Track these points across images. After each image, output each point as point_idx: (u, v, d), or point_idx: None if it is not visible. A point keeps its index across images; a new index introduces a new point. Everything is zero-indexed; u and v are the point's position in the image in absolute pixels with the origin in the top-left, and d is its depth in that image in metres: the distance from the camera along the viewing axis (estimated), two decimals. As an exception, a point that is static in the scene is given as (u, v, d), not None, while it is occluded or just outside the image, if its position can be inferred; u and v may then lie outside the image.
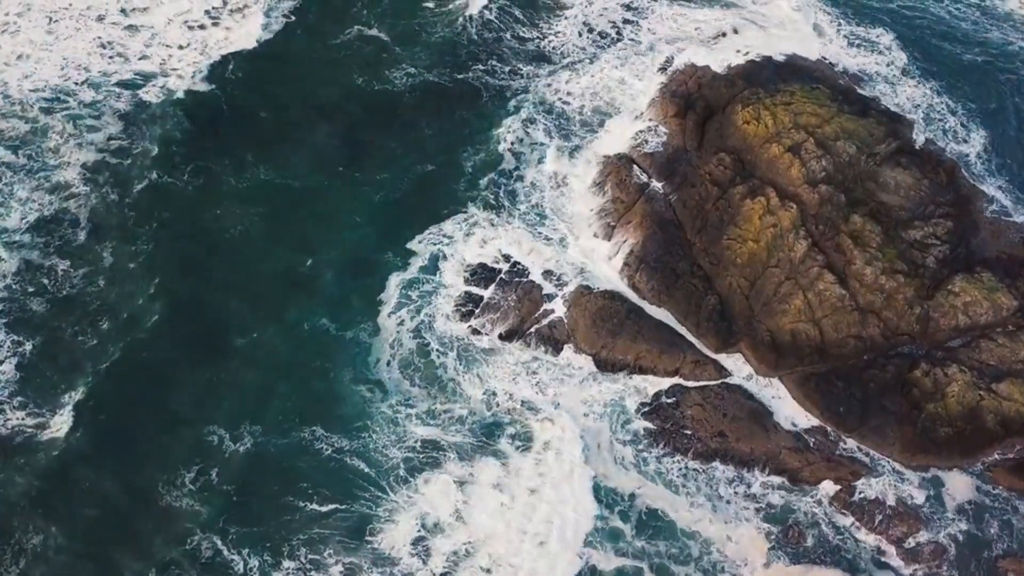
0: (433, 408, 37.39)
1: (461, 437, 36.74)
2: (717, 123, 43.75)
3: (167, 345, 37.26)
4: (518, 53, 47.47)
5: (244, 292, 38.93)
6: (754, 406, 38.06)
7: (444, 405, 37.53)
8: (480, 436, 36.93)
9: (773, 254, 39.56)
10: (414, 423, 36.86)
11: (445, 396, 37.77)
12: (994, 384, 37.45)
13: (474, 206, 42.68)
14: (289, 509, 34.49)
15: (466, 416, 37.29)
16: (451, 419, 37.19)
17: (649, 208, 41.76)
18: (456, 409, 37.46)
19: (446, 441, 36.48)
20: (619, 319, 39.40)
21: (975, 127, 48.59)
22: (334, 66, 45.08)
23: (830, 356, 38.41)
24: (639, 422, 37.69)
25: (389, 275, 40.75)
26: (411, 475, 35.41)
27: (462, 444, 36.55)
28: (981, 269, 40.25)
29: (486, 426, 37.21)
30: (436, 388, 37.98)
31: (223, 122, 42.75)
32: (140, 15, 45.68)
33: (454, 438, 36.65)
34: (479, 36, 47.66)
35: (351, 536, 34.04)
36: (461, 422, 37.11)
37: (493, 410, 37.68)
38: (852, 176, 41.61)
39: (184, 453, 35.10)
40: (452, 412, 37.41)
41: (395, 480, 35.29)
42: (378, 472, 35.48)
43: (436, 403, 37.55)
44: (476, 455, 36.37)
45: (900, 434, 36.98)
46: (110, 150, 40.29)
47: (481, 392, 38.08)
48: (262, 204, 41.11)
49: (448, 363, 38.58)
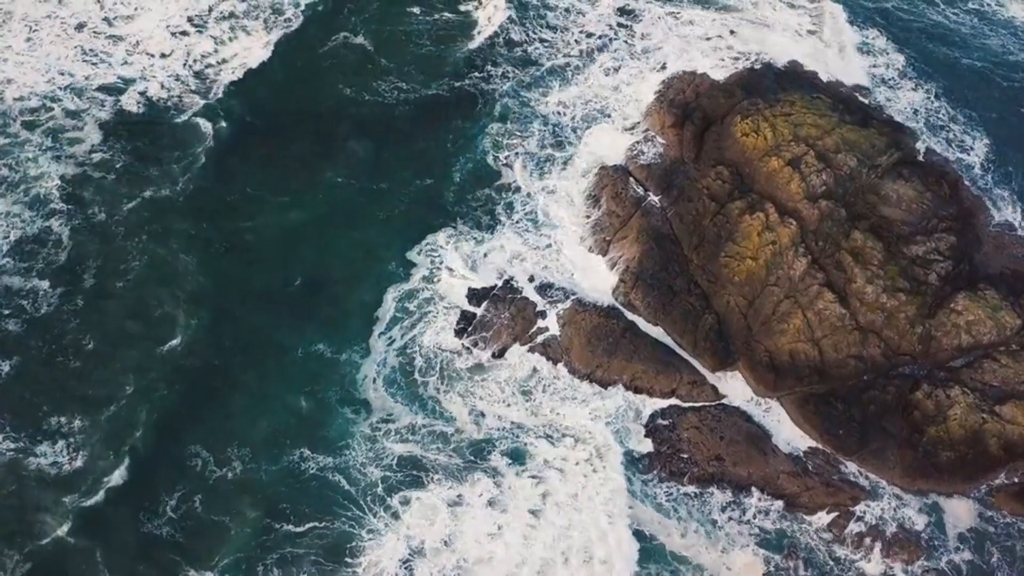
0: (421, 426, 36.55)
1: (448, 458, 35.93)
2: (715, 134, 42.69)
3: (153, 368, 36.28)
4: (511, 61, 46.25)
5: (234, 315, 37.87)
6: (752, 428, 37.22)
7: (434, 426, 36.67)
8: (469, 457, 36.09)
9: (772, 272, 38.61)
10: (403, 444, 36.03)
11: (433, 416, 36.91)
12: (997, 406, 36.63)
13: (466, 221, 41.73)
14: (270, 531, 33.73)
15: (455, 436, 36.47)
16: (441, 439, 36.35)
17: (645, 223, 40.75)
18: (443, 428, 36.64)
19: (434, 461, 35.69)
20: (614, 338, 38.49)
21: (977, 136, 47.69)
22: (323, 76, 43.81)
23: (830, 377, 37.55)
24: (635, 445, 36.82)
25: (382, 292, 39.73)
26: (390, 495, 34.61)
27: (450, 465, 35.75)
28: (984, 286, 39.34)
29: (476, 447, 36.35)
30: (423, 408, 37.10)
31: (210, 137, 41.40)
32: (124, 23, 44.36)
33: (441, 458, 35.86)
34: (475, 45, 46.35)
35: (334, 556, 33.31)
36: (450, 441, 36.28)
37: (484, 431, 36.80)
38: (853, 189, 40.61)
39: (167, 476, 34.24)
40: (441, 431, 36.56)
41: (374, 501, 34.54)
42: (360, 492, 34.73)
43: (424, 422, 36.71)
44: (465, 476, 35.53)
45: (901, 458, 36.17)
46: (91, 163, 39.10)
47: (470, 412, 37.20)
48: (253, 220, 39.98)
49: (437, 383, 37.67)
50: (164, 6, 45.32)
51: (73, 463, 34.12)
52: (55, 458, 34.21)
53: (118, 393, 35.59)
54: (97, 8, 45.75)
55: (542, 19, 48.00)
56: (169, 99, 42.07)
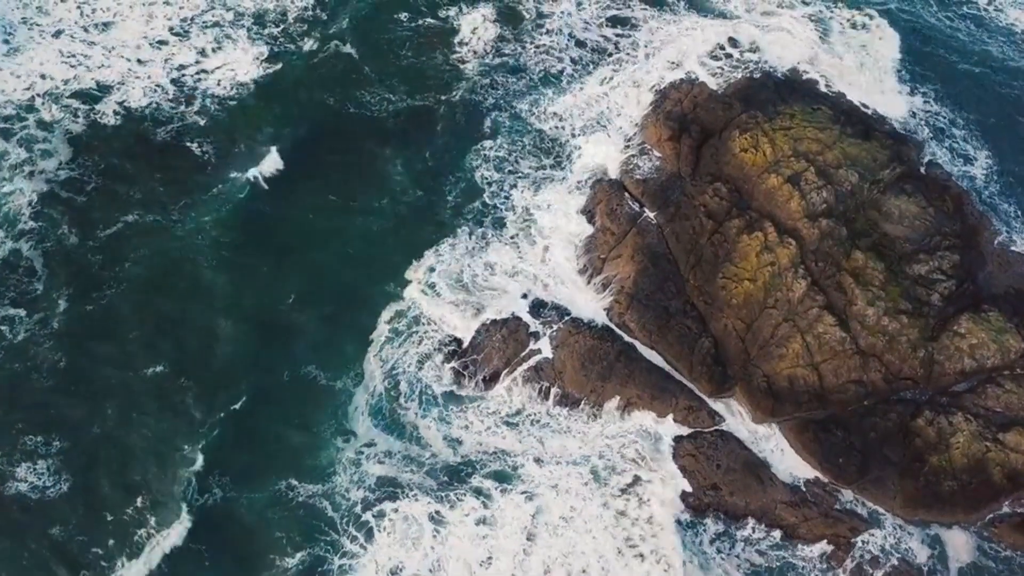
0: (406, 454, 35.74)
1: (438, 484, 35.05)
2: (713, 148, 41.48)
3: (135, 396, 35.29)
4: (502, 71, 44.85)
5: (223, 340, 36.72)
6: (749, 456, 36.29)
7: (421, 454, 35.82)
8: (458, 483, 35.24)
9: (771, 294, 37.55)
10: (382, 466, 35.20)
11: (419, 445, 36.06)
12: (1000, 434, 35.71)
13: (457, 237, 40.56)
14: (258, 560, 33.13)
15: (442, 462, 35.63)
16: (429, 467, 35.53)
17: (641, 241, 39.61)
18: (433, 455, 35.80)
19: (421, 485, 34.82)
20: (609, 361, 37.45)
21: (980, 147, 46.59)
22: (309, 88, 42.37)
23: (829, 402, 36.58)
24: (630, 473, 35.88)
25: (374, 313, 38.62)
26: (372, 521, 33.94)
27: (438, 492, 34.88)
28: (988, 307, 38.32)
29: (461, 471, 35.51)
30: (408, 436, 36.19)
31: (192, 154, 40.00)
32: (102, 31, 42.91)
33: (429, 482, 35.01)
34: (465, 57, 44.91)
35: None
36: (437, 469, 35.44)
37: (473, 457, 35.89)
38: (854, 206, 39.49)
39: (146, 511, 33.35)
40: (430, 459, 35.75)
41: (356, 527, 33.85)
42: (341, 519, 34.02)
43: (412, 451, 35.90)
44: (454, 503, 34.71)
45: (902, 487, 35.27)
46: (59, 180, 37.60)
47: (457, 439, 36.29)
48: (238, 241, 38.66)
49: (426, 409, 36.68)
50: (146, 13, 43.77)
51: (54, 486, 33.24)
52: (35, 481, 33.38)
53: (97, 418, 34.66)
54: (77, 14, 44.32)
55: (532, 27, 46.43)
56: (149, 111, 40.58)
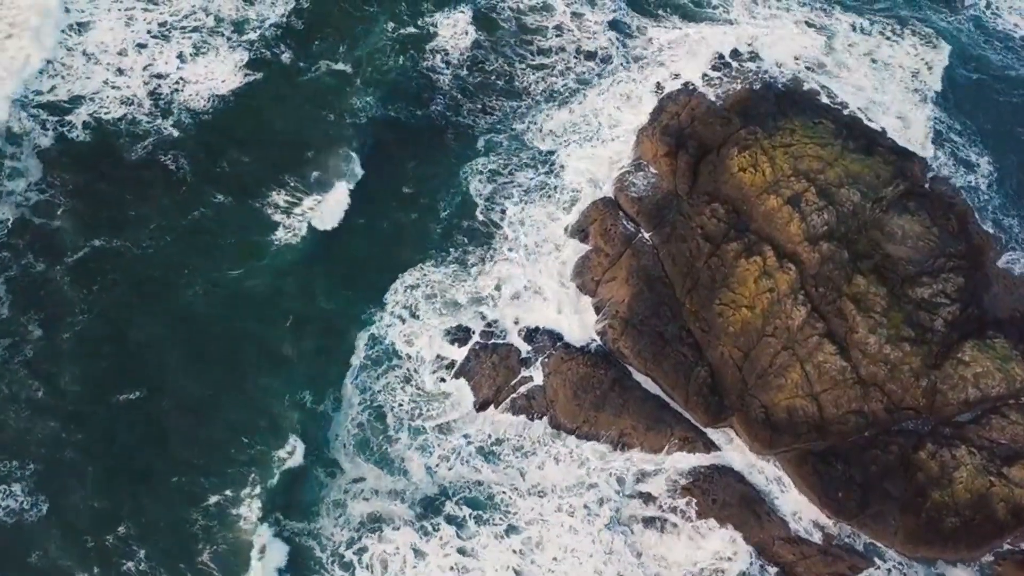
0: (388, 486, 34.56)
1: (415, 515, 33.99)
2: (711, 165, 40.04)
3: (112, 422, 33.90)
4: (494, 86, 43.13)
5: (201, 369, 35.23)
6: (746, 490, 35.22)
7: (398, 484, 34.65)
8: (434, 514, 34.18)
9: (769, 321, 36.30)
10: (367, 503, 34.05)
11: (400, 475, 34.87)
12: (1005, 468, 34.67)
13: (447, 258, 39.09)
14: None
15: (421, 494, 34.53)
16: (409, 498, 34.38)
17: (636, 263, 38.26)
18: (412, 488, 34.65)
19: (401, 518, 33.73)
20: (602, 390, 36.23)
21: (983, 156, 45.43)
22: (291, 103, 40.59)
23: (829, 433, 35.45)
24: (623, 509, 34.82)
25: (356, 336, 37.24)
26: (354, 558, 32.91)
27: (419, 524, 33.84)
28: (994, 333, 37.13)
29: (443, 503, 34.43)
30: (391, 467, 35.00)
31: (170, 173, 38.22)
32: (77, 36, 41.02)
33: (407, 514, 33.90)
34: (454, 69, 43.07)
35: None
36: (415, 500, 34.34)
37: (454, 488, 34.78)
38: (856, 226, 38.15)
39: (128, 535, 32.13)
40: (409, 490, 34.61)
41: (340, 566, 32.84)
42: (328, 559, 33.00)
43: (393, 484, 34.71)
44: (435, 534, 33.71)
45: (903, 523, 34.27)
46: (28, 205, 35.95)
47: (444, 468, 35.16)
48: (221, 264, 37.08)
49: (410, 439, 35.46)
50: (124, 18, 41.82)
51: (31, 509, 32.08)
52: (9, 504, 32.20)
53: (71, 447, 33.35)
54: (49, 20, 42.31)
55: (526, 38, 44.67)
56: (123, 126, 38.78)
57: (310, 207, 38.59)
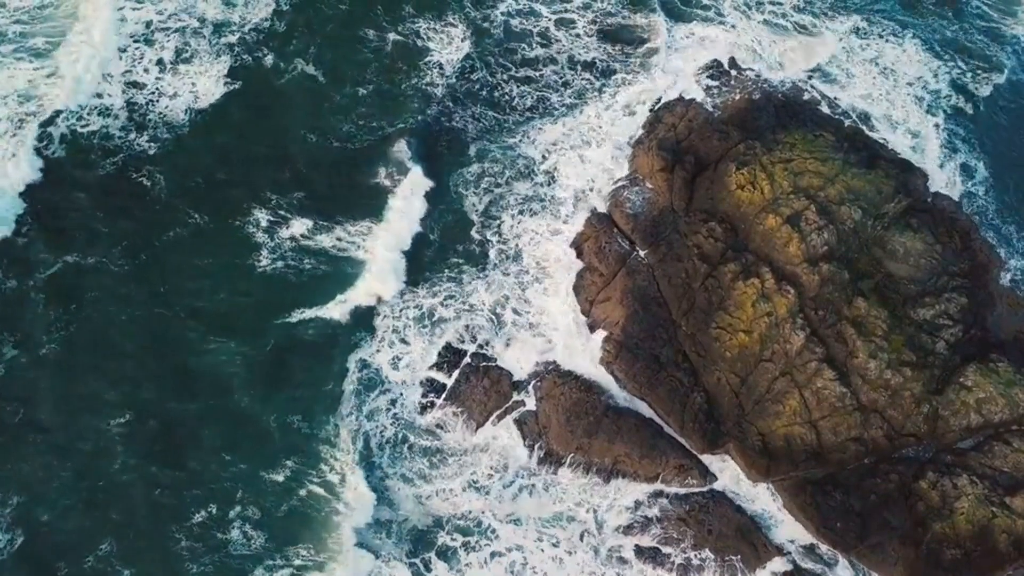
0: (379, 516, 33.79)
1: (407, 550, 33.31)
2: (708, 180, 38.88)
3: (98, 447, 32.91)
4: (482, 97, 41.68)
5: (182, 391, 34.23)
6: (742, 520, 34.47)
7: (385, 515, 33.88)
8: (425, 549, 33.52)
9: (767, 346, 35.32)
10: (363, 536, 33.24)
11: (390, 507, 34.07)
12: (1007, 497, 33.87)
13: (439, 277, 37.86)
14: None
15: (414, 527, 33.81)
16: (397, 532, 33.68)
17: (631, 283, 37.20)
18: (402, 519, 33.88)
19: (392, 554, 32.98)
20: (596, 416, 35.32)
21: (987, 167, 44.33)
22: (273, 114, 39.18)
23: (828, 461, 34.61)
24: (617, 539, 34.01)
25: (346, 360, 36.12)
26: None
27: (409, 559, 33.14)
28: (997, 356, 36.22)
29: (433, 535, 33.75)
30: (383, 496, 34.17)
31: (147, 188, 37.13)
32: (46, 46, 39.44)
33: (397, 551, 33.23)
34: (446, 79, 41.58)
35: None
36: (406, 534, 33.65)
37: (445, 518, 33.98)
38: (857, 245, 37.12)
39: (115, 558, 31.28)
40: (399, 522, 33.83)
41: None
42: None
43: (381, 512, 33.94)
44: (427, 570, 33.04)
45: (902, 555, 33.51)
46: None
47: (435, 497, 34.32)
48: (204, 283, 35.97)
49: (399, 468, 34.58)
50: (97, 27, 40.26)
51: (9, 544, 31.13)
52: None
53: (59, 474, 32.40)
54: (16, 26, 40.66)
55: (518, 49, 43.15)
56: (97, 139, 37.37)
57: (295, 226, 37.37)
